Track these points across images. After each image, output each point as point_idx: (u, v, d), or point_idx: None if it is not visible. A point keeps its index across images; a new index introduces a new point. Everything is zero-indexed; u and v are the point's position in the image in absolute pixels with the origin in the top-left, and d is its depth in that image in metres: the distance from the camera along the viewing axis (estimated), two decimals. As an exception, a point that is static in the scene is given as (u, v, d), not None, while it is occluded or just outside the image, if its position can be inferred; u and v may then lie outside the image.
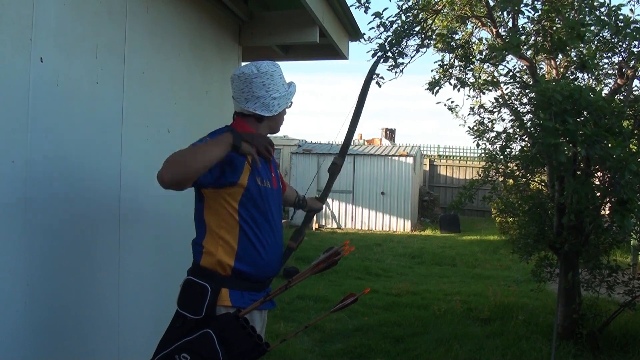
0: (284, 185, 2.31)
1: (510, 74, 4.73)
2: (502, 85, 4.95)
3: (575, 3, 3.98)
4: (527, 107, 4.61)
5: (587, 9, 3.72)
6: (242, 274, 1.80)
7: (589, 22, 3.45)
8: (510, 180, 5.11)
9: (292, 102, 2.01)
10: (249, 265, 1.81)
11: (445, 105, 5.47)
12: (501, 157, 4.78)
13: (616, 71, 4.34)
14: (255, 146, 1.77)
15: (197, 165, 1.63)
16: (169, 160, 1.62)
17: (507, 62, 4.77)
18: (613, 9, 3.50)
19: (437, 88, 5.25)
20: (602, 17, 3.53)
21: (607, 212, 4.04)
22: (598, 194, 3.71)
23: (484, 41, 5.41)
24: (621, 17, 3.50)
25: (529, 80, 4.70)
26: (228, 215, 1.80)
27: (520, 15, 4.24)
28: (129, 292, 2.40)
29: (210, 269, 1.79)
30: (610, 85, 4.63)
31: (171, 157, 1.63)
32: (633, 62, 3.93)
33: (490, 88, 5.13)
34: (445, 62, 5.33)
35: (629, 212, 2.81)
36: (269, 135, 2.02)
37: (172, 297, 1.86)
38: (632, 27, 3.49)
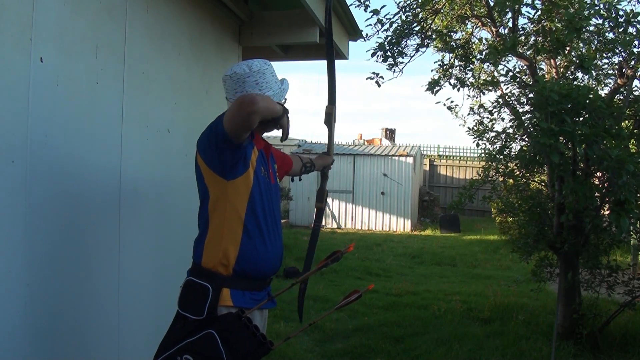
0: (288, 160, 2.32)
1: (510, 74, 4.74)
2: (502, 85, 4.96)
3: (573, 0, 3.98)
4: (527, 107, 4.61)
5: (586, 4, 3.71)
6: (243, 274, 1.80)
7: (588, 15, 3.44)
8: (510, 180, 5.11)
9: (286, 99, 2.01)
10: (251, 263, 1.80)
11: (444, 105, 5.48)
12: (501, 157, 4.78)
13: (616, 71, 4.34)
14: (288, 122, 1.92)
15: (273, 107, 1.76)
16: (257, 95, 1.73)
17: (507, 62, 4.78)
18: (613, 3, 3.49)
19: (437, 88, 5.26)
20: (601, 12, 3.52)
21: (607, 212, 4.04)
22: (597, 194, 3.71)
23: (484, 41, 5.42)
24: (621, 12, 3.49)
25: (528, 80, 4.71)
26: (232, 212, 1.78)
27: (520, 16, 4.24)
28: (128, 293, 2.40)
29: (211, 269, 1.78)
30: (610, 85, 4.64)
31: (254, 94, 1.76)
32: (633, 62, 3.93)
33: (490, 88, 5.13)
34: (445, 62, 5.35)
35: (625, 213, 2.81)
36: (265, 134, 2.02)
37: (173, 297, 1.86)
38: (633, 23, 3.47)
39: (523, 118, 4.37)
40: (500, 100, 4.91)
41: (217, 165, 1.77)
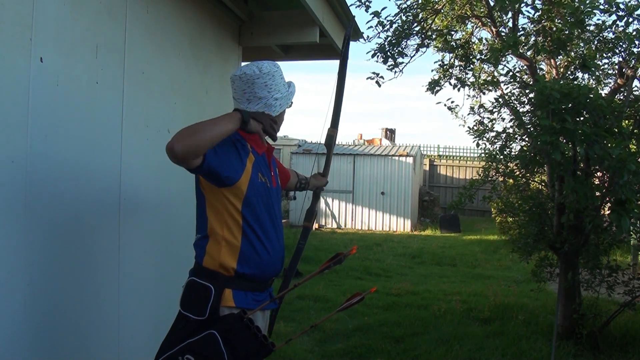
0: (286, 173, 2.32)
1: (510, 74, 4.74)
2: (502, 85, 4.96)
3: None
4: (527, 106, 4.62)
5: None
6: (245, 275, 1.80)
7: (590, 10, 3.44)
8: (510, 180, 5.11)
9: (292, 102, 2.01)
10: (252, 266, 1.81)
11: (445, 105, 5.49)
12: (501, 157, 4.78)
13: (616, 71, 4.34)
14: (262, 124, 1.78)
15: (209, 135, 1.61)
16: (180, 131, 1.60)
17: (507, 62, 4.78)
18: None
19: (437, 88, 5.27)
20: (601, 7, 3.52)
21: (607, 211, 4.04)
22: (597, 194, 3.71)
23: (484, 41, 5.42)
24: (622, 5, 3.49)
25: (529, 80, 4.71)
26: (230, 216, 1.79)
27: (521, 15, 4.24)
28: (129, 293, 2.40)
29: (213, 269, 1.78)
30: (610, 85, 4.64)
31: (183, 129, 1.61)
32: (633, 62, 3.93)
33: (490, 88, 5.13)
34: (445, 62, 5.35)
35: (626, 213, 2.81)
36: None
37: (173, 297, 1.86)
38: (635, 16, 3.46)
39: (523, 118, 4.37)
40: (500, 99, 4.91)
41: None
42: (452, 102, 5.51)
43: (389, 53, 4.89)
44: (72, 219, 2.06)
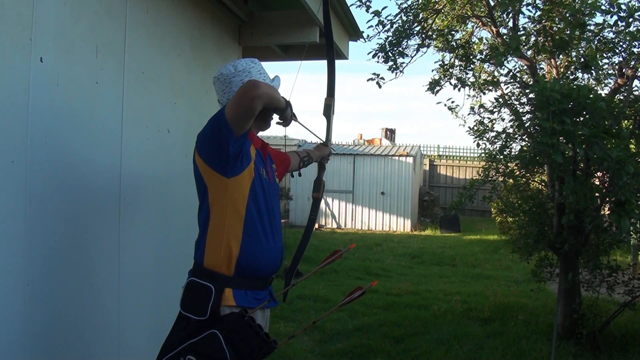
0: (286, 158, 2.33)
1: (511, 74, 4.74)
2: (502, 85, 4.96)
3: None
4: (527, 107, 4.61)
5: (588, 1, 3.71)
6: (245, 272, 1.80)
7: (591, 11, 3.44)
8: (510, 180, 5.11)
9: None
10: (252, 262, 1.81)
11: (445, 105, 5.48)
12: (501, 157, 4.78)
13: (616, 71, 4.34)
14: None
15: (275, 95, 1.82)
16: (261, 81, 1.77)
17: (508, 62, 4.77)
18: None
19: (437, 88, 5.27)
20: (602, 7, 3.52)
21: (607, 212, 4.04)
22: (597, 195, 3.71)
23: (485, 41, 5.42)
24: (623, 6, 3.49)
25: (529, 80, 4.71)
26: (233, 211, 1.78)
27: (521, 15, 4.24)
28: (129, 292, 2.40)
29: (213, 269, 1.78)
30: (610, 85, 4.64)
31: (259, 81, 1.77)
32: (633, 62, 3.93)
33: (490, 88, 5.13)
34: (445, 62, 5.35)
35: (626, 214, 2.80)
36: (259, 133, 2.02)
37: (173, 297, 1.86)
38: (635, 16, 3.46)
39: (523, 118, 4.37)
40: (500, 99, 4.91)
41: (216, 162, 1.76)
42: (453, 102, 5.52)
43: (389, 53, 4.90)
44: (72, 219, 2.06)
